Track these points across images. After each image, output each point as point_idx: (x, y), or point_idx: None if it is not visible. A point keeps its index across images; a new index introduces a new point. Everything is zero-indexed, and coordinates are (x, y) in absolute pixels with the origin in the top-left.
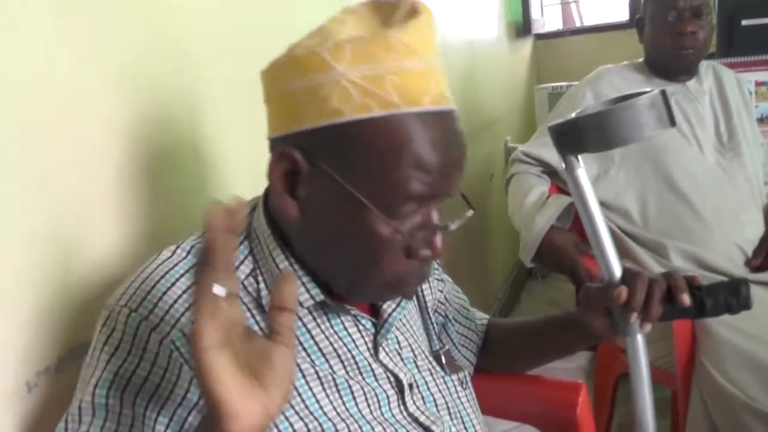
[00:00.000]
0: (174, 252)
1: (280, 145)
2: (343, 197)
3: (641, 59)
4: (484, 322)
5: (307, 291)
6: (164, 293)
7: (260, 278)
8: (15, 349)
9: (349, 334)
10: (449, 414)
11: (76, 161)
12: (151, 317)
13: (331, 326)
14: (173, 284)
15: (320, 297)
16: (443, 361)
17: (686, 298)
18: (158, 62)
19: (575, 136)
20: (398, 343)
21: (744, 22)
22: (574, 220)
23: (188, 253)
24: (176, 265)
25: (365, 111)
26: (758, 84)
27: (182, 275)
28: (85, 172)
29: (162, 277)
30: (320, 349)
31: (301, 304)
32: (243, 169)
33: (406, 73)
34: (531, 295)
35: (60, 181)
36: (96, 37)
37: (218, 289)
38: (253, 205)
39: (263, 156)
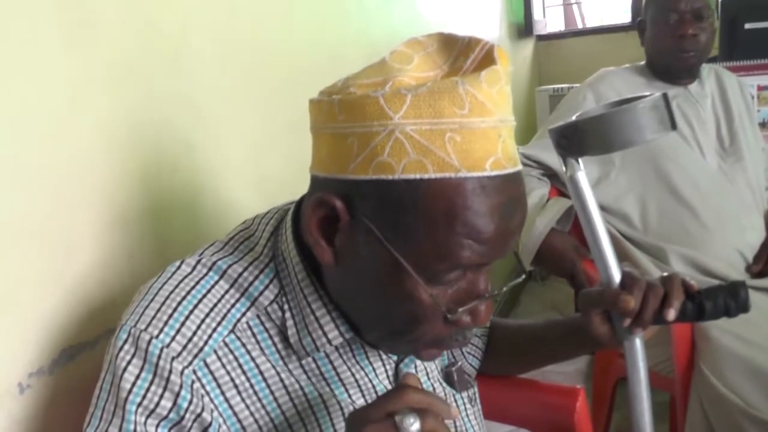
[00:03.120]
0: (194, 267)
1: (321, 188)
2: (384, 257)
3: (643, 62)
4: (486, 324)
5: (337, 328)
6: (187, 317)
7: (286, 306)
8: (7, 351)
9: (371, 363)
10: None
11: (71, 162)
12: (173, 345)
13: (354, 356)
14: (196, 306)
15: (350, 334)
16: (455, 378)
17: (672, 313)
18: (154, 63)
19: (576, 139)
20: (415, 366)
21: (747, 26)
22: (574, 223)
23: (209, 269)
24: (198, 283)
25: (419, 171)
26: (760, 88)
27: (204, 295)
28: (80, 174)
29: (184, 298)
30: (341, 380)
31: (329, 341)
32: (243, 176)
33: (469, 132)
34: (530, 296)
35: (54, 182)
36: (91, 37)
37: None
38: (275, 220)
39: (266, 165)
